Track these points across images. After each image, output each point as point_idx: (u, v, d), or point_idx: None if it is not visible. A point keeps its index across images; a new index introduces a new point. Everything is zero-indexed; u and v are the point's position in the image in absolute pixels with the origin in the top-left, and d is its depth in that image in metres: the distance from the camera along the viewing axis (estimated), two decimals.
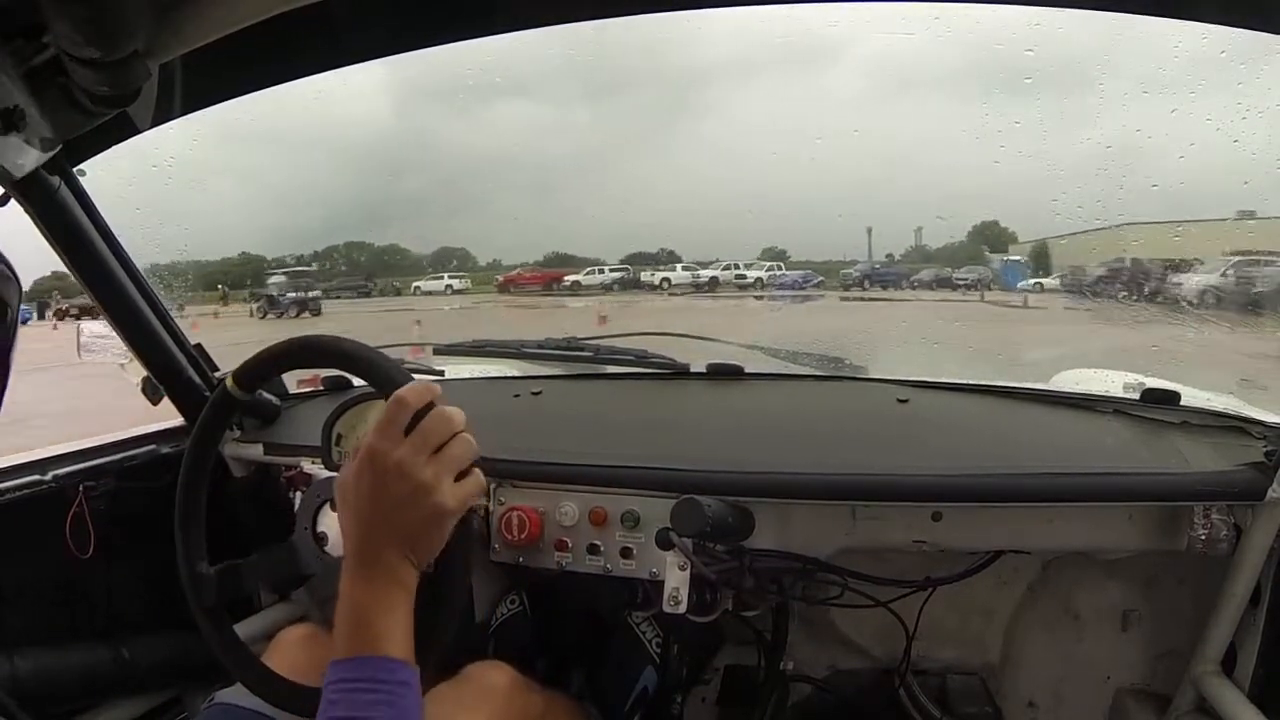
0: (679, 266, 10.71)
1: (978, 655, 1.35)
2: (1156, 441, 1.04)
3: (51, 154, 0.60)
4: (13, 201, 0.99)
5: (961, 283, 6.82)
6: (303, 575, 0.89)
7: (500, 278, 12.27)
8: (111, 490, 1.30)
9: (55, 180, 1.06)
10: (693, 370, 1.36)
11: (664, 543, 0.98)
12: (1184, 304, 2.94)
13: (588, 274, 11.74)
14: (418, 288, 12.73)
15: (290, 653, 0.97)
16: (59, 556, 1.23)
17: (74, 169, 1.07)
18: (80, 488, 1.25)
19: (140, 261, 1.25)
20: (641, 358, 1.37)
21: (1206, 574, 1.06)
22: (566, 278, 11.84)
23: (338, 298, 12.52)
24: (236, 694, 0.88)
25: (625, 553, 1.04)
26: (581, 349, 1.38)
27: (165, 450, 1.40)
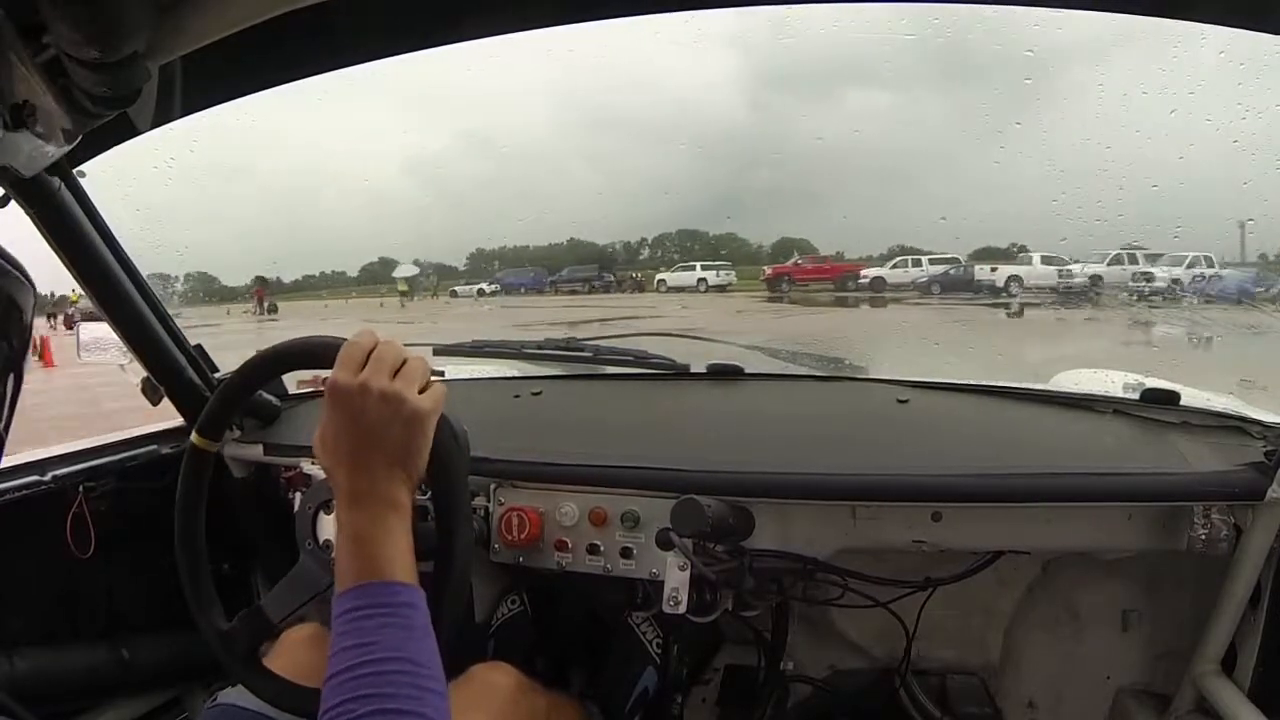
0: (1036, 258, 6.83)
1: (978, 655, 1.34)
2: (1156, 441, 1.04)
3: (65, 151, 0.60)
4: (13, 205, 0.99)
5: None
6: (319, 591, 0.87)
7: (768, 270, 8.89)
8: (112, 490, 1.30)
9: (55, 181, 1.06)
10: (693, 370, 1.36)
11: (664, 543, 0.98)
12: None
13: (896, 267, 8.24)
14: (662, 281, 10.20)
15: (295, 653, 0.96)
16: (59, 556, 1.23)
17: (74, 170, 1.08)
18: (80, 488, 1.25)
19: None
20: (641, 358, 1.37)
21: (1206, 574, 1.06)
22: (864, 271, 8.34)
23: (572, 292, 10.29)
24: (237, 694, 0.88)
25: (625, 553, 1.04)
26: (581, 349, 1.38)
27: (165, 450, 1.40)
